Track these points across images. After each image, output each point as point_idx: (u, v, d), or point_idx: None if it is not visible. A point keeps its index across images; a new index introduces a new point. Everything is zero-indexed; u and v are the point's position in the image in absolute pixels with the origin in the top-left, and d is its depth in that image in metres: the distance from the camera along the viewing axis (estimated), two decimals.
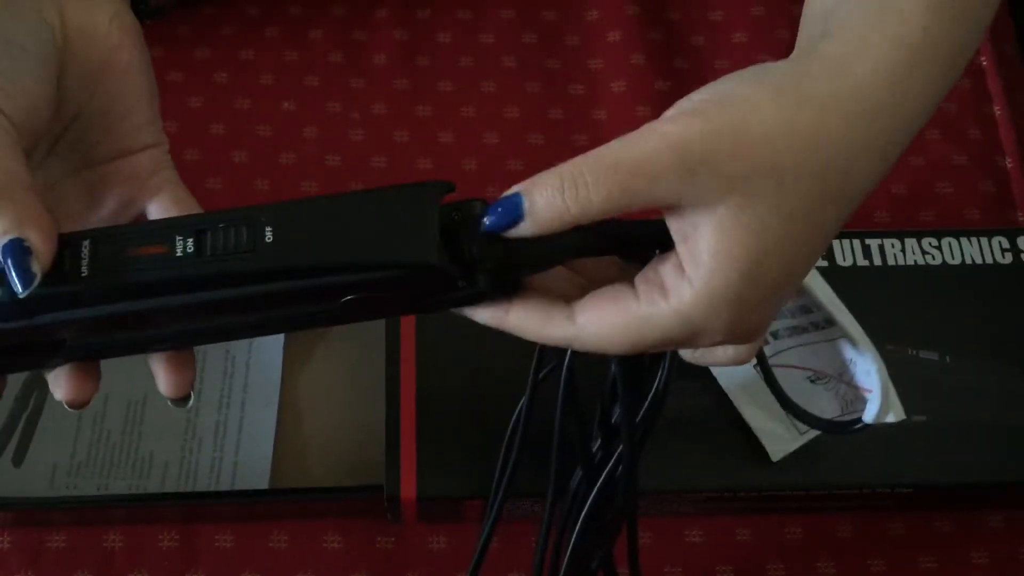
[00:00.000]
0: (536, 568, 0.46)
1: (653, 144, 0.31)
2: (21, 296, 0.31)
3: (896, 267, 0.55)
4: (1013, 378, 0.53)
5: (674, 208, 0.31)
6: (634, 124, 0.70)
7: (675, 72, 0.69)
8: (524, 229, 0.32)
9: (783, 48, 0.68)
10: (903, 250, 0.55)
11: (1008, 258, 0.55)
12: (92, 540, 0.52)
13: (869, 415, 0.44)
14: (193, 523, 0.53)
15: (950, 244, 0.56)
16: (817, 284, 0.48)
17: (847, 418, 0.47)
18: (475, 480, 0.49)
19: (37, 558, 0.52)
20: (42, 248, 0.31)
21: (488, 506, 0.45)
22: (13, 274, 0.31)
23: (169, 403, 0.36)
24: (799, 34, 0.36)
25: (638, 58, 0.68)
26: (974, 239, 0.56)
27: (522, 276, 0.34)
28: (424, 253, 0.31)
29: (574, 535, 0.43)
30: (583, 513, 0.42)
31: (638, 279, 0.33)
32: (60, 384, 0.35)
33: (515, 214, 0.31)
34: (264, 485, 0.53)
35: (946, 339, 0.53)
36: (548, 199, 0.31)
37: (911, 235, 0.56)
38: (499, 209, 0.32)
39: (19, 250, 0.31)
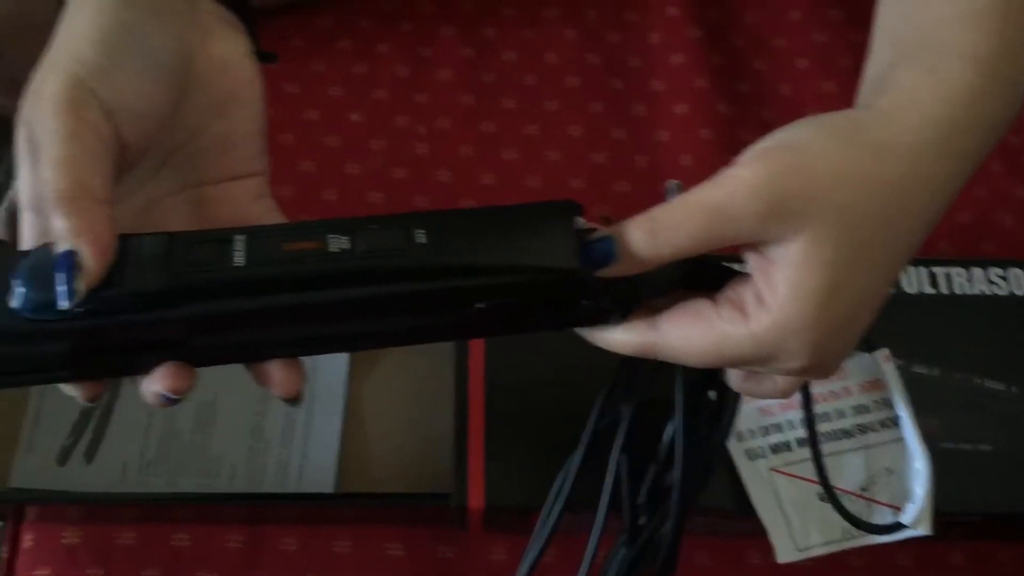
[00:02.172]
0: None
1: (729, 188, 0.33)
2: (66, 309, 0.31)
3: (962, 296, 0.55)
4: None
5: (752, 245, 0.34)
6: (696, 146, 0.71)
7: (737, 96, 0.70)
8: (615, 270, 0.34)
9: (845, 75, 0.70)
10: (969, 279, 0.56)
11: None
12: (160, 538, 0.53)
13: (908, 517, 0.47)
14: (258, 524, 0.54)
15: (1016, 275, 0.56)
16: (894, 380, 0.51)
17: (887, 523, 0.49)
18: (542, 491, 0.49)
19: (106, 554, 0.53)
20: (92, 268, 0.31)
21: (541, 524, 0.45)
22: (59, 287, 0.31)
23: (283, 403, 0.37)
24: (858, 95, 0.39)
25: (701, 81, 0.69)
26: None
27: (641, 299, 0.36)
28: (567, 260, 0.33)
29: None
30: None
31: (720, 298, 0.35)
32: (158, 375, 0.34)
33: (608, 255, 0.34)
34: (329, 489, 0.54)
35: (1012, 369, 0.53)
36: (637, 241, 0.33)
37: (977, 264, 0.56)
38: (592, 250, 0.34)
39: (70, 264, 0.31)
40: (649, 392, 0.42)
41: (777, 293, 0.33)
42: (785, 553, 0.49)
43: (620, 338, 0.36)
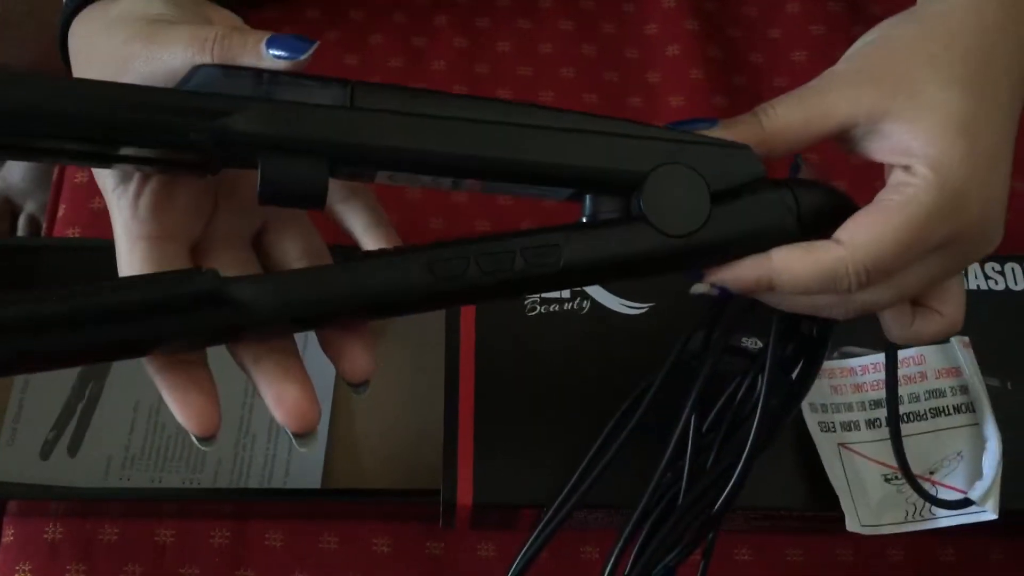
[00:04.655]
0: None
1: (829, 71, 0.38)
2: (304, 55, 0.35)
3: None
4: None
5: (871, 120, 0.36)
6: None
7: (733, 88, 0.69)
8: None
9: None
10: (965, 274, 0.55)
11: None
12: (144, 533, 0.53)
13: (976, 493, 0.48)
14: (244, 520, 0.53)
15: (1012, 269, 0.55)
16: (971, 366, 0.51)
17: (956, 499, 0.49)
18: (532, 488, 0.49)
19: (89, 550, 0.52)
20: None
21: (551, 513, 0.45)
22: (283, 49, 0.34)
23: (349, 388, 0.37)
24: None
25: (696, 73, 0.68)
26: None
27: None
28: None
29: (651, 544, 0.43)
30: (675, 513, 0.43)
31: (879, 196, 0.36)
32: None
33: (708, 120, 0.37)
34: (316, 485, 0.53)
35: (1008, 365, 0.53)
36: (745, 117, 0.37)
37: None
38: (690, 124, 0.37)
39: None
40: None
41: (934, 137, 0.35)
42: (853, 524, 0.49)
43: (780, 262, 0.36)
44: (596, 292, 0.53)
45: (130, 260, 0.36)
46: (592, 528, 0.53)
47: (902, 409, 0.51)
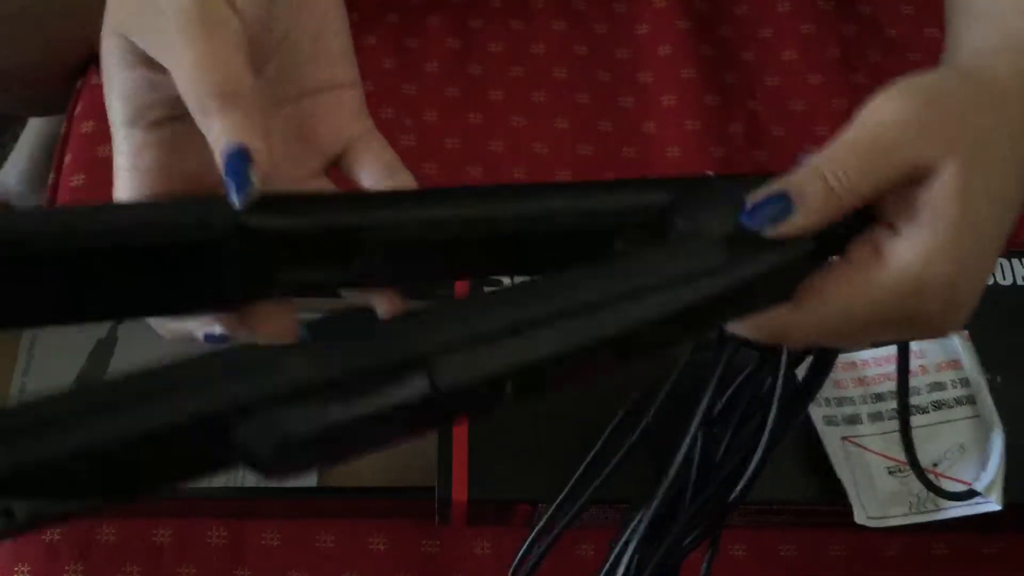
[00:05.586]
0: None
1: (878, 120, 0.33)
2: (238, 208, 0.30)
3: None
4: None
5: (906, 177, 0.33)
6: (683, 138, 0.70)
7: (725, 87, 0.69)
8: (796, 223, 0.33)
9: (832, 66, 0.69)
10: None
11: None
12: (141, 534, 0.53)
13: (982, 484, 0.48)
14: (241, 519, 0.54)
15: (1001, 263, 0.56)
16: (969, 356, 0.51)
17: (962, 490, 0.49)
18: (528, 483, 0.49)
19: (87, 551, 0.52)
20: (263, 159, 0.31)
21: (555, 508, 0.45)
22: (231, 181, 0.30)
23: None
24: (948, 30, 0.41)
25: (688, 72, 0.69)
26: None
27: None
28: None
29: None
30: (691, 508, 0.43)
31: (851, 249, 0.35)
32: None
33: (785, 209, 0.33)
34: (312, 483, 0.54)
35: (999, 359, 0.53)
36: (814, 189, 0.33)
37: None
38: (764, 207, 0.33)
39: (239, 156, 0.30)
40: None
41: (919, 222, 0.33)
42: (860, 516, 0.49)
43: (755, 323, 0.35)
44: None
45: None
46: (588, 526, 0.53)
47: (880, 407, 0.51)
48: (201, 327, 0.34)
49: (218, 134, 0.31)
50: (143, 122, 0.34)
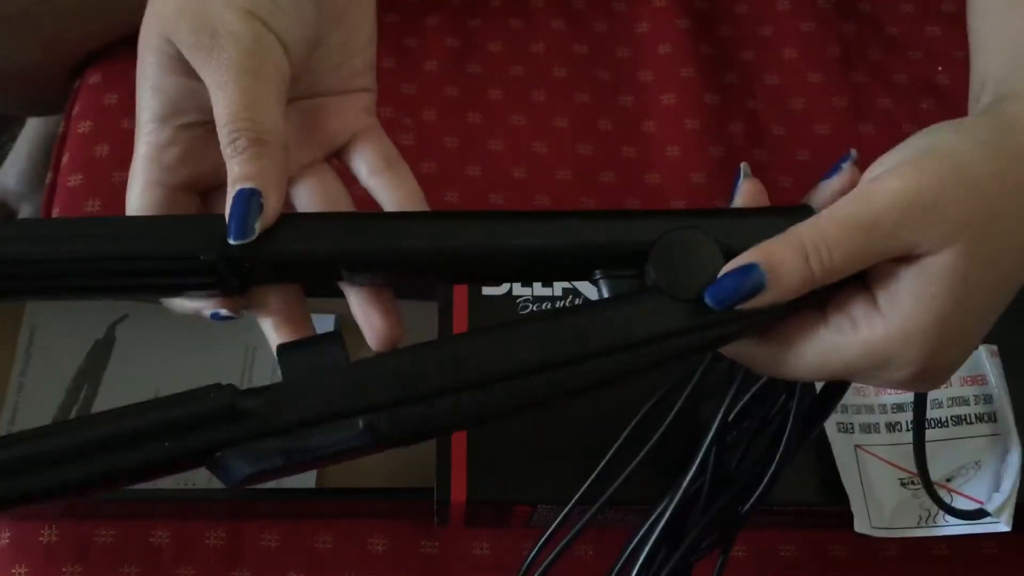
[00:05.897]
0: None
1: (884, 201, 0.31)
2: (233, 244, 0.32)
3: None
4: None
5: (902, 257, 0.32)
6: (683, 137, 0.70)
7: (724, 86, 0.69)
8: (765, 299, 0.32)
9: (832, 65, 0.69)
10: None
11: None
12: (140, 535, 0.53)
13: (992, 505, 0.48)
14: (239, 521, 0.53)
15: None
16: (997, 375, 0.50)
17: (972, 509, 0.49)
18: (526, 485, 0.49)
19: (85, 551, 0.52)
20: (271, 212, 0.32)
21: (569, 508, 0.45)
22: (234, 222, 0.32)
23: None
24: (972, 94, 0.38)
25: (688, 71, 0.69)
26: None
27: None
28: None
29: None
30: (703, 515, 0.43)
31: (830, 307, 0.34)
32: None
33: (757, 285, 0.32)
34: (311, 484, 0.54)
35: None
36: (792, 266, 0.31)
37: None
38: (734, 282, 0.32)
39: (251, 202, 0.32)
40: None
41: (899, 301, 0.32)
42: (862, 525, 0.49)
43: (735, 352, 0.35)
44: (588, 289, 0.54)
45: (140, 201, 0.36)
46: (588, 527, 0.53)
47: (898, 418, 0.51)
48: (208, 306, 0.35)
49: (238, 176, 0.32)
50: (176, 122, 0.35)
